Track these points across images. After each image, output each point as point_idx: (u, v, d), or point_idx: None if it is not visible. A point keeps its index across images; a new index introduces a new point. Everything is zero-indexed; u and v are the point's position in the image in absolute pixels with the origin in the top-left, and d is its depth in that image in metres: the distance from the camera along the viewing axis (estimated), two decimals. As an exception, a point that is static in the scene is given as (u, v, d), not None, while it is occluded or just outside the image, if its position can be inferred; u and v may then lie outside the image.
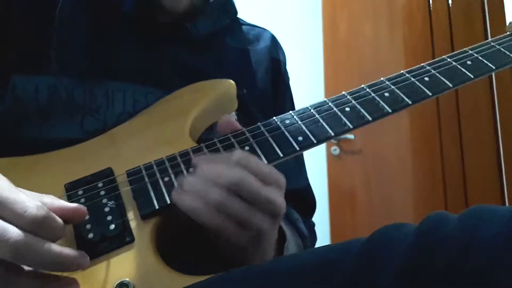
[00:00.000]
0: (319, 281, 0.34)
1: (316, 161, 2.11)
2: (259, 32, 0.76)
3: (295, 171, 0.71)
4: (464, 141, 1.92)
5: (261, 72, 0.70)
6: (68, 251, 0.37)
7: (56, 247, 0.36)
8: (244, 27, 0.75)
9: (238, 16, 0.75)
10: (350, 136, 2.06)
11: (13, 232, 0.34)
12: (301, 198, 0.71)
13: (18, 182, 0.40)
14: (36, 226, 0.35)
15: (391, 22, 2.12)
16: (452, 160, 1.92)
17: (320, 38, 2.19)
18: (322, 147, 2.12)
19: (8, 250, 0.33)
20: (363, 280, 0.32)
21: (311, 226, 0.71)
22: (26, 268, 0.36)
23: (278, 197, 0.45)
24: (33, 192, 0.39)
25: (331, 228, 2.04)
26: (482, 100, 1.91)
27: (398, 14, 2.12)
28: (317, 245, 0.71)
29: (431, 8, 2.06)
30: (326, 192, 2.07)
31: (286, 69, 0.77)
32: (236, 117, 0.62)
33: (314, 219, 0.74)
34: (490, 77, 1.90)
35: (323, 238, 2.04)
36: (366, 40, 2.13)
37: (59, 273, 0.38)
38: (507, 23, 0.67)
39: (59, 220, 0.37)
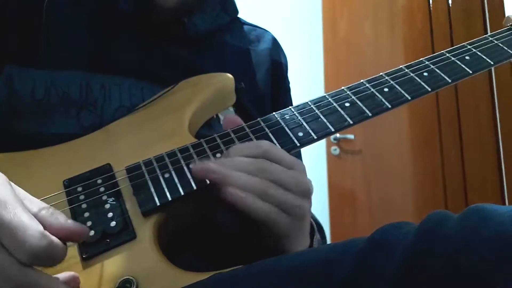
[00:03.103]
0: (319, 280, 0.34)
1: (316, 161, 2.11)
2: (261, 33, 0.75)
3: None
4: (464, 141, 1.92)
5: (261, 73, 0.70)
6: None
7: (55, 283, 0.35)
8: (245, 27, 0.74)
9: (239, 16, 0.75)
10: (350, 136, 2.05)
11: (12, 269, 0.33)
12: None
13: (16, 178, 0.40)
14: (38, 258, 0.33)
15: (391, 22, 2.12)
16: (452, 160, 1.92)
17: (320, 38, 2.19)
18: (322, 147, 2.12)
19: (9, 285, 0.33)
20: (364, 279, 0.32)
21: None
22: None
23: (304, 177, 0.46)
24: (33, 198, 0.37)
25: (331, 228, 2.04)
26: (482, 100, 1.91)
27: (398, 14, 2.12)
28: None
29: (431, 8, 2.06)
30: (326, 192, 2.07)
31: (287, 73, 0.76)
32: (234, 113, 0.62)
33: (314, 219, 0.74)
34: (490, 77, 1.90)
35: (323, 238, 2.04)
36: (366, 40, 2.13)
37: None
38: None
39: (61, 245, 0.35)
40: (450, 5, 2.02)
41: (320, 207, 2.03)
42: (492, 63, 0.57)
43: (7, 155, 0.50)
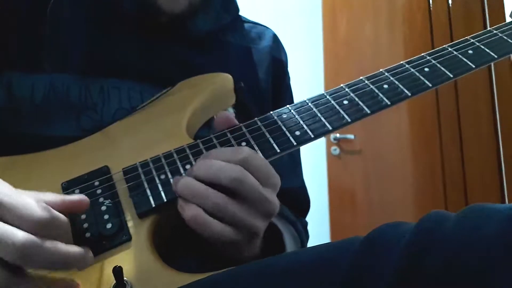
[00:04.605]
0: (317, 280, 0.33)
1: (316, 161, 2.10)
2: (261, 30, 0.75)
3: (290, 170, 0.71)
4: (464, 141, 1.92)
5: (262, 72, 0.70)
6: (74, 248, 0.37)
7: (63, 246, 0.36)
8: (246, 25, 0.74)
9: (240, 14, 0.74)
10: (350, 136, 2.05)
11: (20, 234, 0.34)
12: (294, 198, 0.70)
13: (15, 181, 0.40)
14: (42, 228, 0.35)
15: (391, 22, 2.12)
16: (452, 160, 1.92)
17: (320, 38, 2.19)
18: (322, 147, 2.12)
19: (16, 252, 0.34)
20: (361, 278, 0.32)
21: (303, 225, 0.71)
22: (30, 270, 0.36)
23: (273, 197, 0.45)
24: (32, 191, 0.39)
25: (331, 228, 2.04)
26: (482, 100, 1.91)
27: (398, 14, 2.12)
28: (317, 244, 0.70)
29: (431, 8, 2.06)
30: (326, 192, 2.07)
31: (287, 70, 0.76)
32: (234, 114, 0.62)
33: (314, 219, 0.74)
34: (490, 76, 1.90)
35: (323, 238, 2.04)
36: (366, 40, 2.13)
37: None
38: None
39: (64, 218, 0.38)
40: (450, 5, 2.02)
41: (320, 207, 2.03)
42: (496, 56, 0.56)
43: (8, 158, 0.51)
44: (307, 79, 2.12)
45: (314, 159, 2.06)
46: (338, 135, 2.06)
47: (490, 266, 0.28)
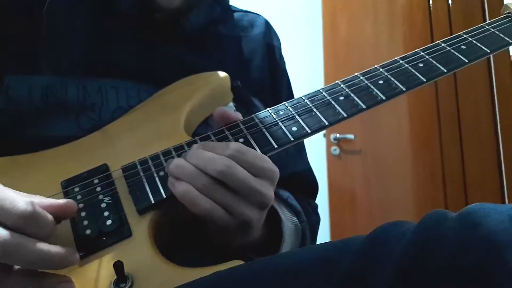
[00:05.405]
0: (318, 279, 0.33)
1: (316, 161, 2.10)
2: (253, 17, 0.75)
3: (295, 155, 0.72)
4: (464, 141, 1.92)
5: (257, 60, 0.70)
6: (56, 249, 0.37)
7: (44, 246, 0.36)
8: (236, 14, 0.74)
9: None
10: (350, 136, 2.05)
11: (1, 232, 0.34)
12: (302, 181, 0.71)
13: (15, 180, 0.40)
14: (25, 223, 0.35)
15: (391, 22, 2.12)
16: (452, 160, 1.92)
17: (320, 38, 2.19)
18: (322, 147, 2.12)
19: None
20: (363, 277, 0.32)
21: (314, 208, 0.71)
22: (17, 267, 0.36)
23: (266, 189, 0.45)
24: (22, 193, 0.39)
25: (331, 228, 2.04)
26: (482, 100, 1.91)
27: (398, 14, 2.12)
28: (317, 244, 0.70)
29: (431, 8, 2.06)
30: (326, 192, 2.07)
31: (281, 54, 0.77)
32: (234, 108, 0.62)
33: (314, 218, 0.74)
34: (490, 77, 1.90)
35: (323, 238, 2.03)
36: (366, 40, 2.13)
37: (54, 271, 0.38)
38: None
39: (49, 216, 0.37)
40: (450, 5, 2.02)
41: (320, 207, 2.03)
42: (488, 51, 0.57)
43: (7, 158, 0.51)
44: (307, 79, 2.12)
45: (314, 159, 2.05)
46: (338, 135, 2.06)
47: (489, 265, 0.28)
